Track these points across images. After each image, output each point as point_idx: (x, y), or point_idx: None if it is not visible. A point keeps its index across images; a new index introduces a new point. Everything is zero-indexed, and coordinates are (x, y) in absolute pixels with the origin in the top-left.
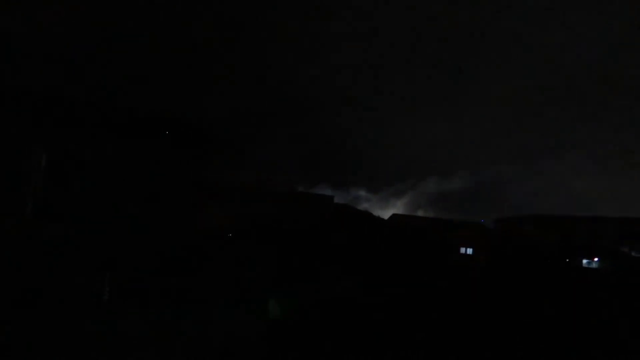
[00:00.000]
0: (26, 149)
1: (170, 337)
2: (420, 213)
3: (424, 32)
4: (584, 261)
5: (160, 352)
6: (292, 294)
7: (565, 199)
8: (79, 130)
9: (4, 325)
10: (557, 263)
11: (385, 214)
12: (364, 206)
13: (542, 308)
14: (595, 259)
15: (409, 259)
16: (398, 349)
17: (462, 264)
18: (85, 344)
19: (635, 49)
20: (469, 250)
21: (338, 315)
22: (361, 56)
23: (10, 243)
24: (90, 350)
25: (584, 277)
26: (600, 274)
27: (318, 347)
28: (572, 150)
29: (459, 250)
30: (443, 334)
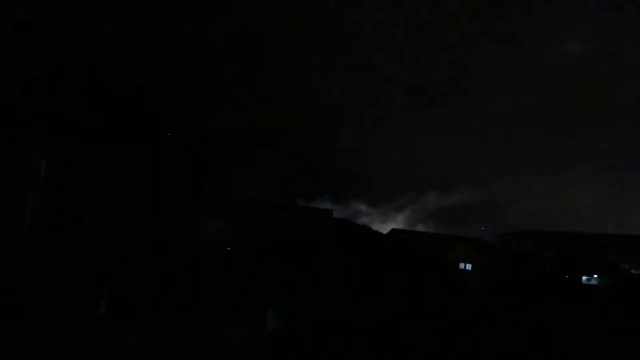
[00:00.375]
0: (25, 158)
1: (168, 351)
2: (419, 228)
3: (423, 46)
4: (584, 278)
5: None
6: (290, 307)
7: (565, 215)
8: (79, 140)
9: None
10: (557, 279)
11: (385, 229)
12: (363, 220)
13: (541, 323)
14: (595, 276)
15: (408, 273)
16: None
17: (461, 279)
18: (81, 358)
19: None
20: (468, 266)
21: (336, 329)
22: (362, 72)
23: (8, 254)
24: None
25: (583, 293)
26: (600, 290)
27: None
28: (573, 167)
29: (458, 265)
30: (442, 349)
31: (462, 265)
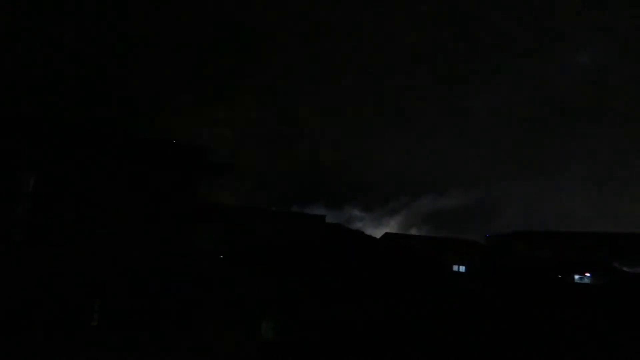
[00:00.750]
0: (13, 170)
1: None
2: (413, 231)
3: (416, 50)
4: (576, 277)
5: None
6: (284, 316)
7: (558, 215)
8: (68, 152)
9: None
10: (550, 279)
11: (379, 233)
12: (357, 225)
13: (536, 323)
14: (587, 275)
15: (400, 277)
16: None
17: (455, 281)
18: None
19: (630, 67)
20: (462, 268)
21: (331, 336)
22: (355, 76)
23: None
24: None
25: (575, 292)
26: (592, 289)
27: None
28: (565, 168)
29: (451, 267)
30: (437, 353)
31: (455, 267)
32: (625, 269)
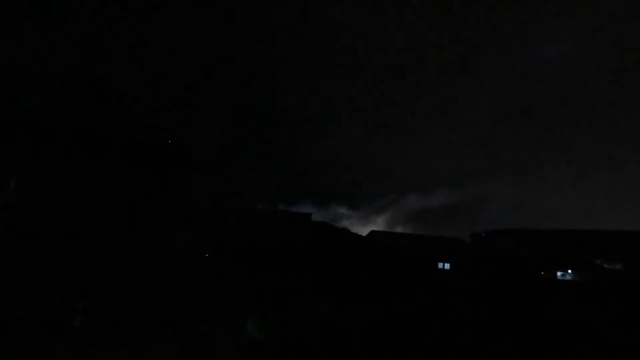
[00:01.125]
0: None
1: None
2: (399, 229)
3: (403, 50)
4: (559, 273)
5: None
6: (269, 314)
7: (541, 213)
8: (51, 150)
9: None
10: (533, 276)
11: (365, 231)
12: (344, 223)
13: (520, 319)
14: (569, 271)
15: (386, 275)
16: None
17: (440, 279)
18: None
19: (614, 66)
20: (447, 265)
21: (317, 334)
22: (342, 76)
23: None
24: None
25: (558, 289)
26: (574, 285)
27: None
28: (548, 167)
29: (436, 265)
30: (422, 351)
31: (440, 265)
32: (606, 265)
